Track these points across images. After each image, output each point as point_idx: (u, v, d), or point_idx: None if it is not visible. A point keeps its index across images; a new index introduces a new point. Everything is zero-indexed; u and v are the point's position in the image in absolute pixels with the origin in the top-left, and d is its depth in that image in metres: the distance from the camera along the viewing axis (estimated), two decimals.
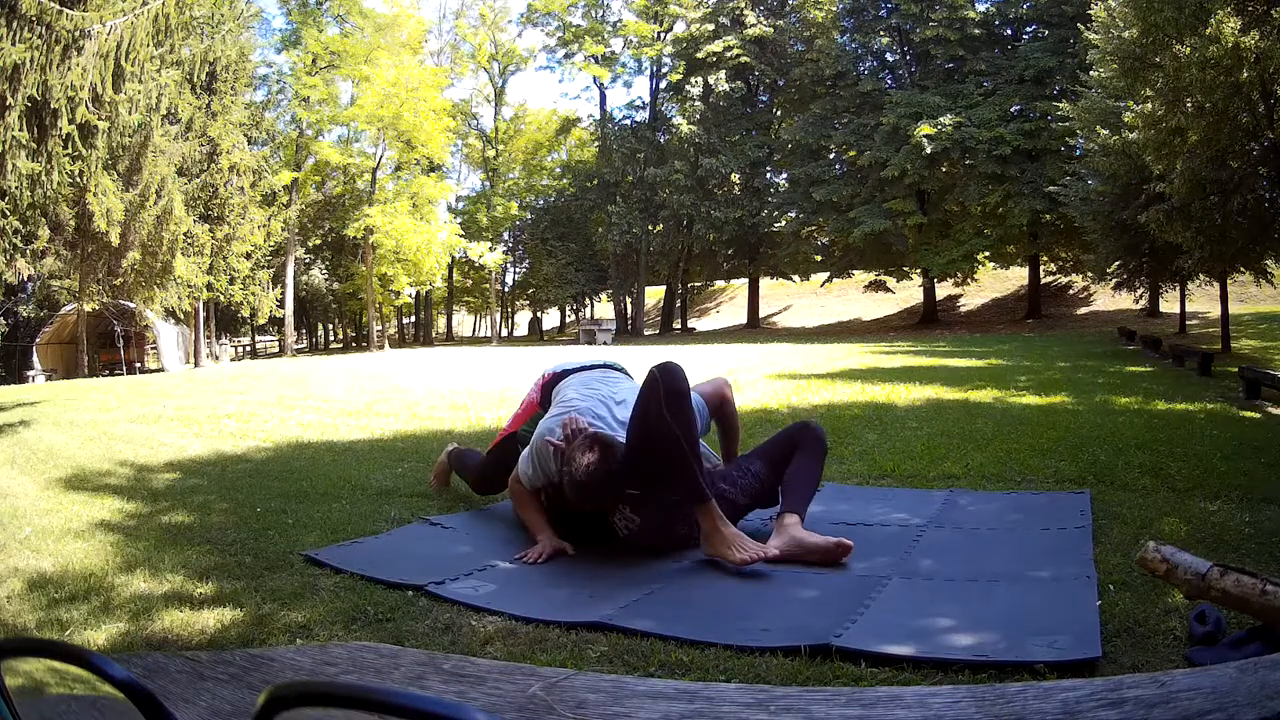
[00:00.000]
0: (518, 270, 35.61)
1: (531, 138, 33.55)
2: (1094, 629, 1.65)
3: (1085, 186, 14.22)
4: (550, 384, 2.89)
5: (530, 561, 2.35)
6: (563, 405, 2.59)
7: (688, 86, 28.27)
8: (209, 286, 17.76)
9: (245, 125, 19.70)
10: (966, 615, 1.81)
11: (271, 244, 20.76)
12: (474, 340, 33.56)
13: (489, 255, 27.86)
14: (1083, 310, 23.89)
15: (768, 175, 28.92)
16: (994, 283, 27.30)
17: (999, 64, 22.80)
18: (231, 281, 18.71)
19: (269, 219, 20.04)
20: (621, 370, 3.01)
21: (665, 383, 2.25)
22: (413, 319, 35.92)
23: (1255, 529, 2.34)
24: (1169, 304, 17.91)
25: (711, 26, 27.45)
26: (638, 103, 31.89)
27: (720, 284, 34.88)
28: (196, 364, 20.33)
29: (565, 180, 32.97)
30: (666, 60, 29.30)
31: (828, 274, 27.55)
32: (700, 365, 10.82)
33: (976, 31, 23.21)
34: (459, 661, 1.19)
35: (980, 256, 23.61)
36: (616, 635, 1.79)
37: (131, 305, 16.37)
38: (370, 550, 2.54)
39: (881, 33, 25.38)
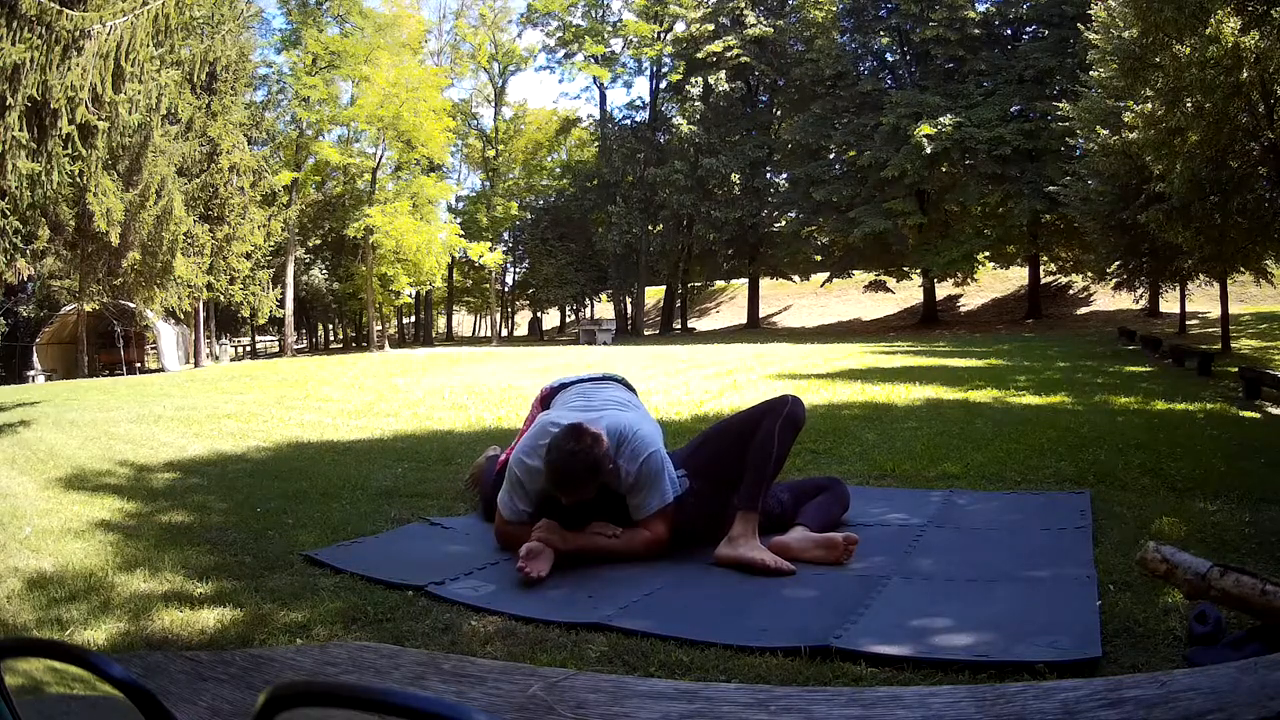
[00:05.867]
0: (518, 270, 35.60)
1: (531, 138, 33.55)
2: (1094, 629, 1.65)
3: (1085, 186, 14.21)
4: (548, 398, 2.88)
5: (529, 572, 2.18)
6: (537, 426, 2.56)
7: (688, 86, 28.26)
8: (209, 286, 17.74)
9: (245, 125, 19.69)
10: (966, 615, 1.81)
11: (271, 244, 20.75)
12: (474, 340, 33.55)
13: (489, 255, 27.85)
14: (1083, 310, 23.88)
15: (768, 175, 28.92)
16: (994, 283, 27.29)
17: (999, 64, 22.79)
18: (231, 281, 18.69)
19: (269, 219, 20.02)
20: (619, 380, 2.93)
21: (791, 407, 2.47)
22: (413, 319, 35.91)
23: (1255, 529, 2.33)
24: (1169, 304, 17.90)
25: (711, 26, 27.44)
26: (638, 103, 31.93)
27: (720, 284, 34.86)
28: (196, 364, 20.33)
29: (565, 180, 32.97)
30: (666, 60, 29.30)
31: (828, 274, 27.54)
32: (701, 365, 10.83)
33: (976, 31, 23.20)
34: (459, 661, 1.19)
35: (980, 256, 23.59)
36: (616, 635, 1.79)
37: (131, 305, 16.36)
38: (370, 550, 2.54)
39: (881, 33, 25.37)
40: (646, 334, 29.21)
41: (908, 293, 26.82)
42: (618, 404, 2.67)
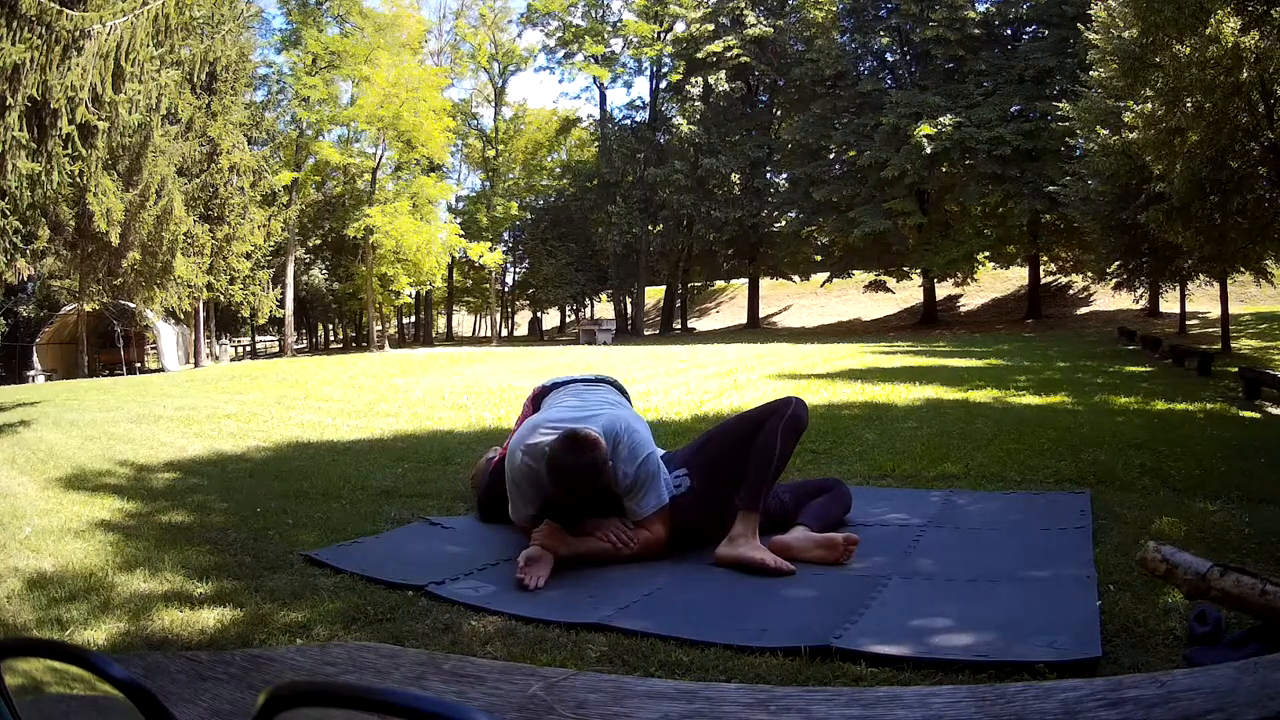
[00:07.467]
0: (518, 270, 35.60)
1: (531, 138, 33.54)
2: (1094, 629, 1.65)
3: (1085, 186, 14.20)
4: (539, 398, 2.89)
5: (528, 582, 2.17)
6: (529, 426, 2.55)
7: (688, 86, 28.26)
8: (209, 286, 17.73)
9: (245, 125, 19.67)
10: (966, 615, 1.81)
11: (271, 244, 20.73)
12: (474, 340, 33.55)
13: (489, 255, 27.85)
14: (1083, 310, 23.88)
15: (768, 175, 28.92)
16: (994, 283, 27.29)
17: (999, 64, 22.78)
18: (231, 281, 18.68)
19: (269, 219, 20.00)
20: (611, 383, 2.93)
21: (794, 409, 2.50)
22: (413, 319, 35.91)
23: (1255, 529, 2.33)
24: (1169, 304, 17.90)
25: (711, 26, 27.44)
26: (638, 103, 31.93)
27: (720, 284, 34.86)
28: (196, 364, 20.33)
29: (565, 180, 32.97)
30: (666, 60, 29.30)
31: (828, 274, 27.55)
32: (701, 365, 10.82)
33: (976, 31, 23.19)
34: (459, 661, 1.19)
35: (980, 256, 23.59)
36: (616, 635, 1.79)
37: (131, 305, 16.34)
38: (370, 550, 2.54)
39: (881, 33, 25.37)
40: (646, 334, 29.21)
41: (908, 293, 26.82)
42: (610, 405, 2.68)
